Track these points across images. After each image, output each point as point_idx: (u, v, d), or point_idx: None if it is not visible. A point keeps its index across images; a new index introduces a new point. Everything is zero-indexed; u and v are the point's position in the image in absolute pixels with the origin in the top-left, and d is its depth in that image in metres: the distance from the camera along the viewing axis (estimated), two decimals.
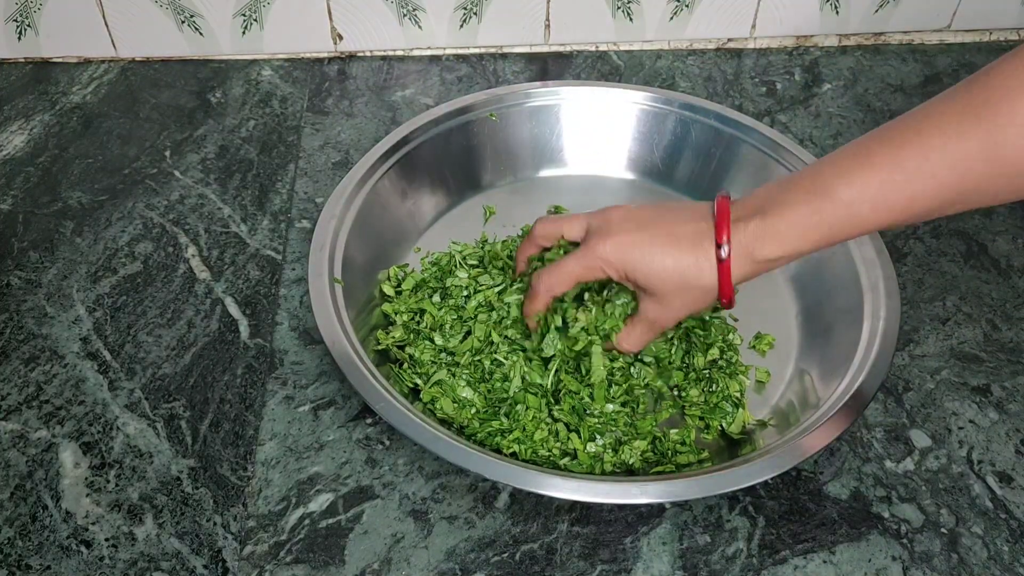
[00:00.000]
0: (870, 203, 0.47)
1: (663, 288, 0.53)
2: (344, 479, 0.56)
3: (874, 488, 0.57)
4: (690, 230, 0.52)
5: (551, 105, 0.77)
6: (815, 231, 0.48)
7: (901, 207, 0.46)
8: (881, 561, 0.53)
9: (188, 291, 0.68)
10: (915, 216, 0.47)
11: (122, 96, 0.87)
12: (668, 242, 0.52)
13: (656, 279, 0.52)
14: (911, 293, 0.69)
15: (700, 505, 0.56)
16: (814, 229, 0.48)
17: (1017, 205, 0.77)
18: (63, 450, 0.58)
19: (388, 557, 0.53)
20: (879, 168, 0.46)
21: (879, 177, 0.46)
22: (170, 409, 0.60)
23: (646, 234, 0.52)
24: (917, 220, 0.48)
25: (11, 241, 0.72)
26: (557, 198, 0.76)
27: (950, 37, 0.97)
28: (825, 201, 0.48)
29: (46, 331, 0.65)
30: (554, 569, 0.52)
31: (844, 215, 0.47)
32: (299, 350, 0.64)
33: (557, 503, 0.56)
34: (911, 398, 0.62)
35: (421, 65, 0.92)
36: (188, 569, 0.52)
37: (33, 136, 0.82)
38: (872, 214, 0.47)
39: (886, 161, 0.46)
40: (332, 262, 0.62)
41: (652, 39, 0.94)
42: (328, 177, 0.78)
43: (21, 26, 0.88)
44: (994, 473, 0.58)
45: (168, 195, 0.77)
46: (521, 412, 0.58)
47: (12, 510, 0.55)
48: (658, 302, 0.54)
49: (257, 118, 0.85)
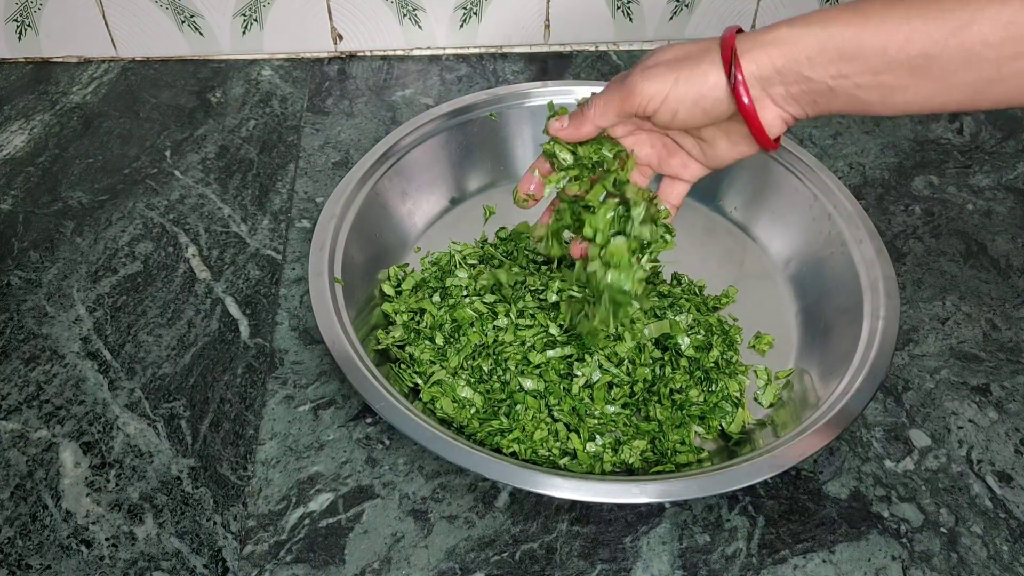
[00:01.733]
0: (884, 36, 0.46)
1: (680, 109, 0.51)
2: (344, 479, 0.57)
3: (874, 488, 0.57)
4: (699, 45, 0.52)
5: None
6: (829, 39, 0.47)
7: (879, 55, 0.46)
8: (881, 560, 0.53)
9: (188, 291, 0.68)
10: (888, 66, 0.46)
11: (122, 96, 0.87)
12: (677, 61, 0.52)
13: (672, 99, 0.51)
14: (911, 293, 0.69)
15: (700, 505, 0.56)
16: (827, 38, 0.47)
17: (1017, 205, 0.77)
18: (63, 450, 0.58)
19: (388, 556, 0.53)
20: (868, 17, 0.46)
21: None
22: (170, 409, 0.60)
23: (664, 62, 0.52)
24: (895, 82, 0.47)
25: (11, 241, 0.72)
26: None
27: None
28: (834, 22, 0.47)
29: (46, 331, 0.65)
30: (554, 568, 0.53)
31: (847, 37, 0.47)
32: (299, 350, 0.64)
33: (557, 503, 0.56)
34: (911, 398, 0.62)
35: (421, 65, 0.92)
36: (188, 568, 0.52)
37: (33, 136, 0.82)
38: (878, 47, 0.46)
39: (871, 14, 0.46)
40: (332, 262, 0.62)
41: (652, 39, 0.94)
42: (328, 177, 0.78)
43: (21, 26, 0.88)
44: (994, 473, 0.58)
45: (168, 195, 0.77)
46: (521, 412, 0.58)
47: (12, 510, 0.55)
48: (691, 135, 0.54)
49: (257, 118, 0.85)
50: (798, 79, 0.49)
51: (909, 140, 0.84)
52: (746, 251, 0.72)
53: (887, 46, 0.46)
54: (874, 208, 0.76)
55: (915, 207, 0.77)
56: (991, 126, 0.85)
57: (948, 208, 0.77)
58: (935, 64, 0.45)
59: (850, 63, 0.47)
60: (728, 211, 0.75)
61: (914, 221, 0.76)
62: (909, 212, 0.76)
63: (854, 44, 0.47)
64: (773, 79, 0.49)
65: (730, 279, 0.69)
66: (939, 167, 0.81)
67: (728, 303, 0.67)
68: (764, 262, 0.71)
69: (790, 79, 0.49)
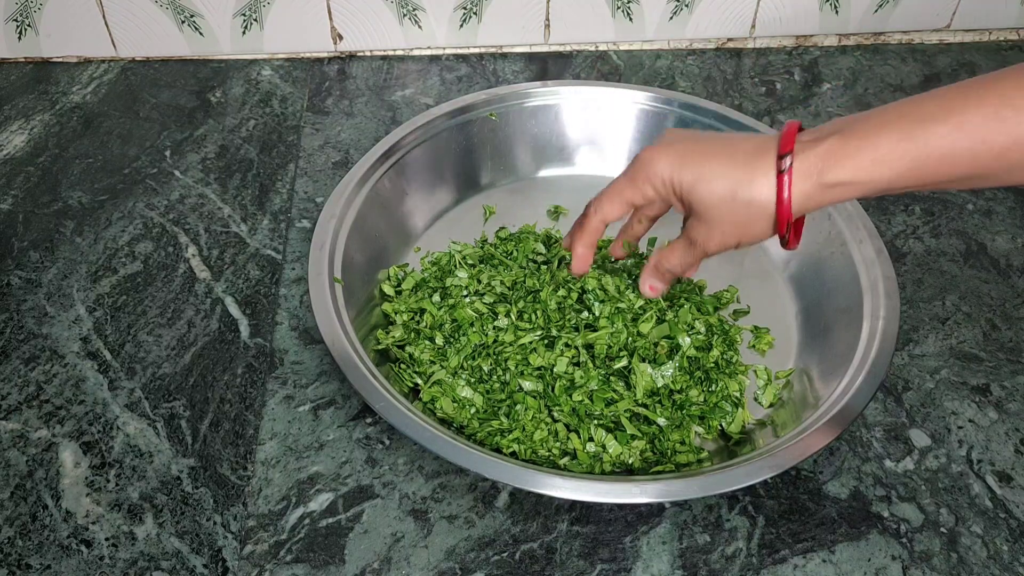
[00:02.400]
0: (968, 142, 0.43)
1: (711, 202, 0.49)
2: (344, 479, 0.57)
3: (874, 488, 0.57)
4: (751, 146, 0.48)
5: (551, 105, 0.77)
6: (898, 161, 0.44)
7: (993, 154, 0.43)
8: (881, 560, 0.53)
9: (188, 291, 0.68)
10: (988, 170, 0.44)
11: (122, 96, 0.87)
12: (724, 155, 0.48)
13: (705, 190, 0.49)
14: (911, 293, 0.69)
15: (699, 505, 0.56)
16: (898, 159, 0.44)
17: (1017, 205, 0.77)
18: (63, 450, 0.58)
19: (388, 556, 0.53)
20: (984, 105, 0.42)
21: (982, 114, 0.42)
22: (170, 409, 0.60)
23: (701, 147, 0.50)
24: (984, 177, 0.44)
25: (11, 241, 0.72)
26: (557, 198, 0.76)
27: (949, 37, 0.97)
28: (918, 128, 0.44)
29: (46, 331, 0.65)
30: (554, 568, 0.53)
31: (937, 148, 0.43)
32: (299, 350, 0.64)
33: (557, 502, 0.56)
34: (911, 398, 0.62)
35: (421, 65, 0.92)
36: (188, 568, 0.52)
37: (33, 136, 0.82)
38: (967, 155, 0.43)
39: (988, 102, 0.43)
40: (332, 262, 0.62)
41: (652, 39, 0.94)
42: (328, 177, 0.78)
43: (21, 26, 0.88)
44: (993, 472, 0.58)
45: (168, 195, 0.77)
46: (521, 412, 0.58)
47: (12, 509, 0.55)
48: (705, 222, 0.50)
49: (257, 118, 0.85)
50: (860, 194, 0.47)
51: None
52: (746, 251, 0.72)
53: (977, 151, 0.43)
54: (874, 208, 0.76)
55: (915, 207, 0.77)
56: None
57: (948, 208, 0.77)
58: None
59: (934, 175, 0.44)
60: None
61: (914, 221, 0.76)
62: (909, 212, 0.76)
63: (944, 156, 0.44)
64: (838, 190, 0.47)
65: (730, 279, 0.69)
66: None
67: (729, 302, 0.67)
68: (764, 262, 0.71)
69: (849, 197, 0.47)
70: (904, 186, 0.45)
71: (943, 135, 0.43)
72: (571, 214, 0.75)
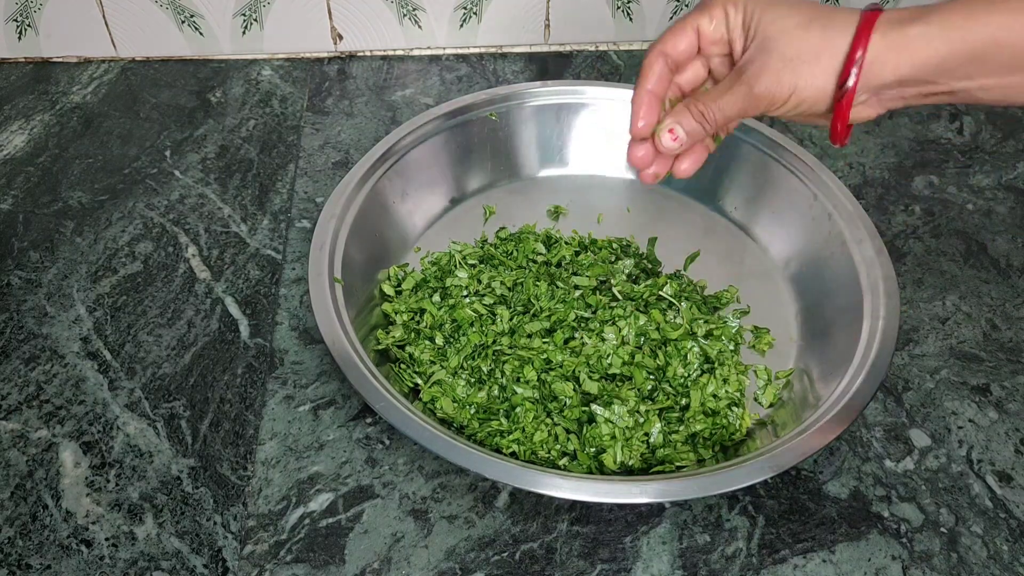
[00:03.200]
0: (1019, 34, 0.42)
1: (782, 27, 0.46)
2: (344, 479, 0.57)
3: (874, 487, 0.57)
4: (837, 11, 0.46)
5: (551, 105, 0.77)
6: (972, 32, 0.43)
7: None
8: (881, 560, 0.53)
9: (188, 291, 0.68)
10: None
11: (122, 96, 0.87)
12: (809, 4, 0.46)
13: (780, 13, 0.46)
14: (911, 293, 0.69)
15: (700, 505, 0.56)
16: (971, 31, 0.43)
17: (1017, 205, 0.77)
18: (63, 450, 0.58)
19: (388, 556, 0.53)
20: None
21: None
22: (170, 409, 0.60)
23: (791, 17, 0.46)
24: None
25: (11, 241, 0.72)
26: (557, 198, 0.76)
27: None
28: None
29: (46, 331, 0.65)
30: (554, 568, 0.53)
31: (990, 35, 0.42)
32: (299, 350, 0.64)
33: (557, 503, 0.56)
34: (911, 397, 0.62)
35: (421, 65, 0.92)
36: (188, 568, 0.52)
37: (33, 136, 0.82)
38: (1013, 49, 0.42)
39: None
40: (332, 262, 0.62)
41: (652, 39, 0.94)
42: (328, 177, 0.78)
43: (21, 26, 0.88)
44: (994, 472, 0.58)
45: (168, 195, 0.77)
46: (521, 414, 0.58)
47: (12, 510, 0.55)
48: (765, 51, 0.46)
49: (257, 118, 0.85)
50: (919, 85, 0.45)
51: (909, 140, 0.84)
52: (746, 251, 0.72)
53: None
54: (874, 208, 0.76)
55: (915, 207, 0.77)
56: (991, 126, 0.85)
57: (948, 208, 0.77)
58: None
59: (983, 65, 0.43)
60: (728, 211, 0.75)
61: (914, 221, 0.76)
62: (909, 212, 0.76)
63: (993, 43, 0.43)
64: (890, 87, 0.45)
65: (730, 279, 0.69)
66: (939, 167, 0.81)
67: (729, 302, 0.67)
68: (764, 262, 0.71)
69: (910, 86, 0.45)
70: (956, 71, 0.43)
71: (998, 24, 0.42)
72: (571, 214, 0.75)
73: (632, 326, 0.62)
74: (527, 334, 0.62)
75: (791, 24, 0.46)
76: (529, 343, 0.61)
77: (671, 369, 0.60)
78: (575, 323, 0.62)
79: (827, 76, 0.46)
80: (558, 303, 0.64)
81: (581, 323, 0.62)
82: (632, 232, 0.73)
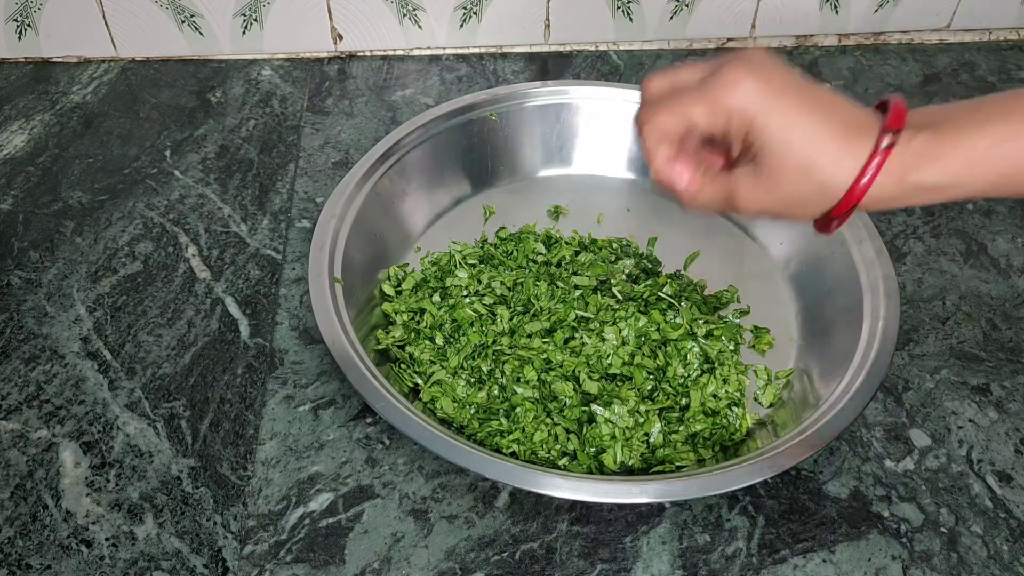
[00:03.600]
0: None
1: (782, 168, 0.41)
2: (344, 478, 0.57)
3: (874, 487, 0.57)
4: (852, 116, 0.41)
5: (551, 105, 0.77)
6: (998, 164, 0.39)
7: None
8: (881, 560, 0.53)
9: (188, 291, 0.68)
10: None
11: (122, 96, 0.87)
12: (822, 115, 0.41)
13: (784, 152, 0.41)
14: (911, 293, 0.69)
15: (700, 504, 0.56)
16: (998, 161, 0.39)
17: (1017, 205, 0.77)
18: (63, 450, 0.58)
19: (388, 556, 0.53)
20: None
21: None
22: (170, 409, 0.60)
23: (799, 92, 0.41)
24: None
25: (11, 241, 0.72)
26: (557, 198, 0.76)
27: (950, 37, 0.97)
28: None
29: (46, 331, 0.65)
30: (554, 568, 0.53)
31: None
32: (299, 350, 0.64)
33: (557, 503, 0.56)
34: (911, 397, 0.62)
35: (421, 65, 0.92)
36: (188, 568, 0.52)
37: (33, 136, 0.82)
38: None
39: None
40: (332, 262, 0.62)
41: (652, 39, 0.94)
42: (328, 177, 0.78)
43: (21, 26, 0.88)
44: (994, 472, 0.58)
45: (168, 195, 0.77)
46: (521, 414, 0.58)
47: (12, 510, 0.55)
48: (760, 179, 0.42)
49: (257, 118, 0.85)
50: (945, 199, 0.41)
51: None
52: (746, 251, 0.72)
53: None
54: None
55: (915, 207, 0.77)
56: None
57: (948, 208, 0.77)
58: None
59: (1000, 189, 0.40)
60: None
61: (914, 221, 0.76)
62: (909, 212, 0.76)
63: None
64: (920, 193, 0.41)
65: (730, 279, 0.69)
66: None
67: (729, 302, 0.67)
68: (764, 262, 0.71)
69: (931, 202, 0.42)
70: (997, 193, 0.40)
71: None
72: (571, 214, 0.75)
73: (632, 326, 0.62)
74: (527, 334, 0.62)
75: (793, 166, 0.42)
76: (529, 343, 0.61)
77: (671, 369, 0.60)
78: (575, 323, 0.62)
79: (820, 209, 0.44)
80: (558, 303, 0.64)
81: (581, 323, 0.62)
82: (632, 232, 0.73)
